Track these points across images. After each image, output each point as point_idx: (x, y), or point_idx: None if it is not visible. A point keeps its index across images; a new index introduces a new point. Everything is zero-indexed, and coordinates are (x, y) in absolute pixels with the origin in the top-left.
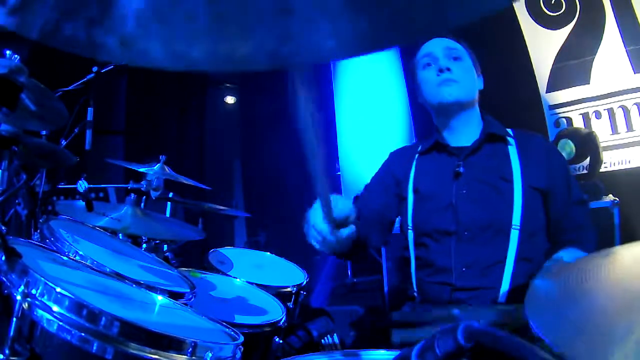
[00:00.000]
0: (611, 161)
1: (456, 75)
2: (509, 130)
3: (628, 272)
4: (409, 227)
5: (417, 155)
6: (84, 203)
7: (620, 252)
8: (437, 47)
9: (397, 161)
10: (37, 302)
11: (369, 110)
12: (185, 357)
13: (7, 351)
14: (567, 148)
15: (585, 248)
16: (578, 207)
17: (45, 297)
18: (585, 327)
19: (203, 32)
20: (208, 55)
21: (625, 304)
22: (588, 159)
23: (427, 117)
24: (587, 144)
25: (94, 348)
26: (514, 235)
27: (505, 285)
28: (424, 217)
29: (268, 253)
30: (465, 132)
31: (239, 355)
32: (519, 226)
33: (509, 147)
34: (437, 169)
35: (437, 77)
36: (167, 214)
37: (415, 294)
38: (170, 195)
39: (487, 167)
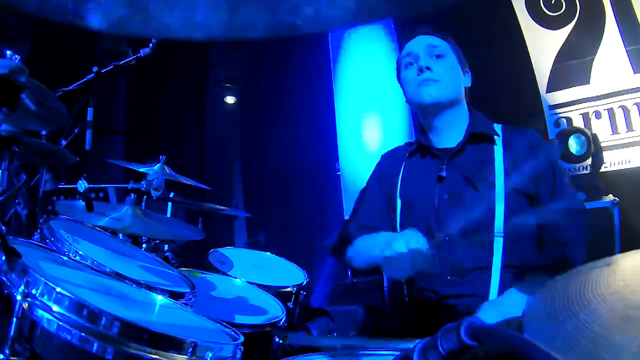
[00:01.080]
0: (611, 161)
1: (437, 74)
2: (497, 126)
3: (627, 282)
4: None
5: (405, 158)
6: (84, 203)
7: (620, 262)
8: (418, 45)
9: (387, 164)
10: (37, 302)
11: (369, 110)
12: (186, 357)
13: (7, 351)
14: (577, 145)
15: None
16: (566, 217)
17: (46, 297)
18: (581, 340)
19: (218, 3)
20: (224, 24)
21: (623, 315)
22: (590, 159)
23: None
24: (592, 145)
25: (94, 348)
26: (498, 242)
27: (493, 294)
28: (409, 222)
29: (268, 253)
30: (449, 133)
31: (239, 355)
32: (502, 233)
33: (495, 146)
34: (422, 172)
35: (417, 76)
36: (168, 214)
37: (406, 299)
38: (171, 195)
39: (471, 169)
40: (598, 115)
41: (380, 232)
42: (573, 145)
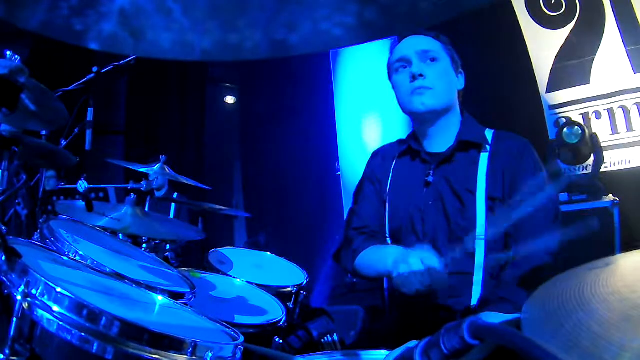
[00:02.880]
0: (611, 161)
1: (430, 81)
2: (489, 132)
3: (626, 283)
4: (387, 236)
5: (395, 158)
6: (84, 203)
7: (619, 262)
8: (410, 49)
9: (378, 164)
10: (37, 302)
11: (369, 110)
12: (186, 357)
13: (7, 351)
14: (572, 135)
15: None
16: (534, 235)
17: (46, 297)
18: (581, 339)
19: (212, 22)
20: (217, 45)
21: (622, 315)
22: (592, 159)
23: None
24: (592, 144)
25: (94, 348)
26: (480, 245)
27: (475, 297)
28: (396, 225)
29: (268, 253)
30: (441, 138)
31: (239, 355)
32: (484, 236)
33: (482, 154)
34: (410, 175)
35: (409, 83)
36: (171, 215)
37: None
38: (175, 195)
39: (456, 177)
40: (598, 115)
41: (391, 246)
42: (568, 136)
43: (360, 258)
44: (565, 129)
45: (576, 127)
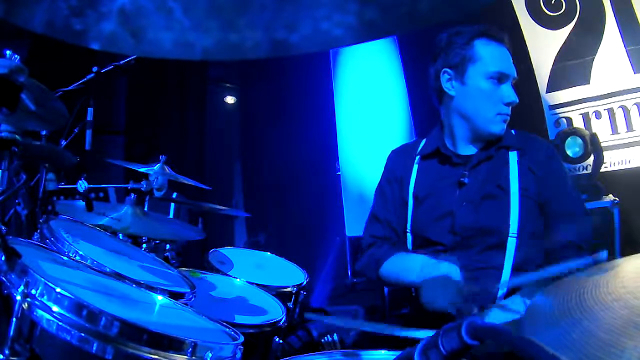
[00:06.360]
0: (611, 161)
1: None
2: (511, 130)
3: (628, 290)
4: (408, 231)
5: (418, 158)
6: (84, 203)
7: (620, 267)
8: (512, 70)
9: (398, 162)
10: (36, 302)
11: (369, 110)
12: (186, 357)
13: (7, 351)
14: (576, 146)
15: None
16: (571, 220)
17: (45, 297)
18: (588, 348)
19: (212, 22)
20: (218, 44)
21: (628, 321)
22: (591, 159)
23: (427, 117)
24: (591, 144)
25: (94, 348)
26: (511, 243)
27: (501, 292)
28: (422, 224)
29: (268, 253)
30: (473, 143)
31: (239, 355)
32: (516, 234)
33: (510, 153)
34: (440, 177)
35: (501, 103)
36: (171, 215)
37: (414, 293)
38: (174, 195)
39: (489, 176)
40: (598, 115)
41: (416, 255)
42: (570, 147)
43: (385, 267)
44: (569, 139)
45: (578, 138)
